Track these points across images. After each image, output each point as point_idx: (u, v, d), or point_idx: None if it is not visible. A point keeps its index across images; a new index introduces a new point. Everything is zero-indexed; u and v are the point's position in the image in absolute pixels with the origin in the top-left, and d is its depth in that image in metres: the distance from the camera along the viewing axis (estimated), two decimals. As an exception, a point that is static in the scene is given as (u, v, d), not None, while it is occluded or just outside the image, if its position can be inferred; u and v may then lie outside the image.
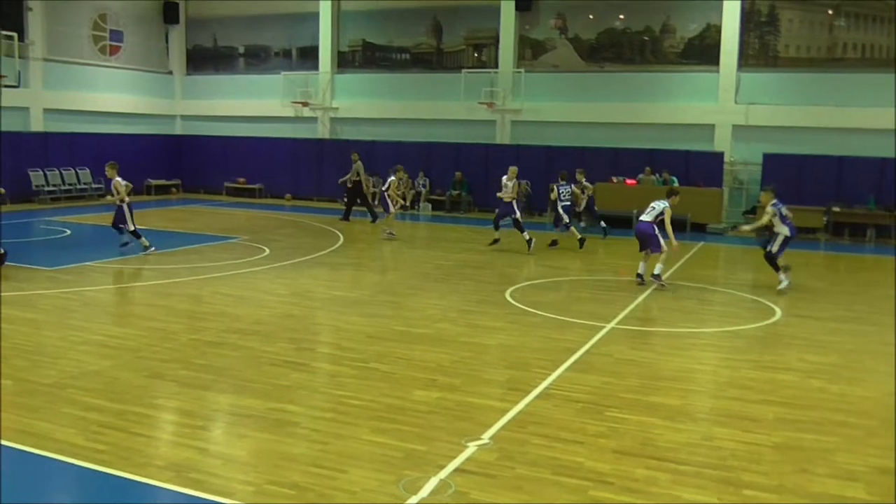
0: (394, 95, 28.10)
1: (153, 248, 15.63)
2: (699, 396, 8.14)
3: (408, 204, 22.66)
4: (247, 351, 9.03)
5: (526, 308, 11.69)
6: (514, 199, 17.69)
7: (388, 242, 18.77)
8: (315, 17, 29.12)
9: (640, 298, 12.70)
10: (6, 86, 20.80)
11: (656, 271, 13.55)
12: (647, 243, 13.74)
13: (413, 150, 27.35)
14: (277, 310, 11.31)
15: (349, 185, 22.99)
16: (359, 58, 29.13)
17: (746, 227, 14.65)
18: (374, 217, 21.58)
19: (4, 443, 6.22)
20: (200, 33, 31.98)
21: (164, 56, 32.01)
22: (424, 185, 26.95)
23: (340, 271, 14.67)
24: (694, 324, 11.29)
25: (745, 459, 6.25)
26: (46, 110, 26.94)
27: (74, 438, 6.33)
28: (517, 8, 26.03)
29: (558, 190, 18.51)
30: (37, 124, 26.72)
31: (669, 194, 14.04)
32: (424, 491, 5.52)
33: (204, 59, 32.08)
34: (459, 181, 26.49)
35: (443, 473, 5.80)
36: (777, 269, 13.59)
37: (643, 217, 13.90)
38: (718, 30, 23.97)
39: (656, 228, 13.62)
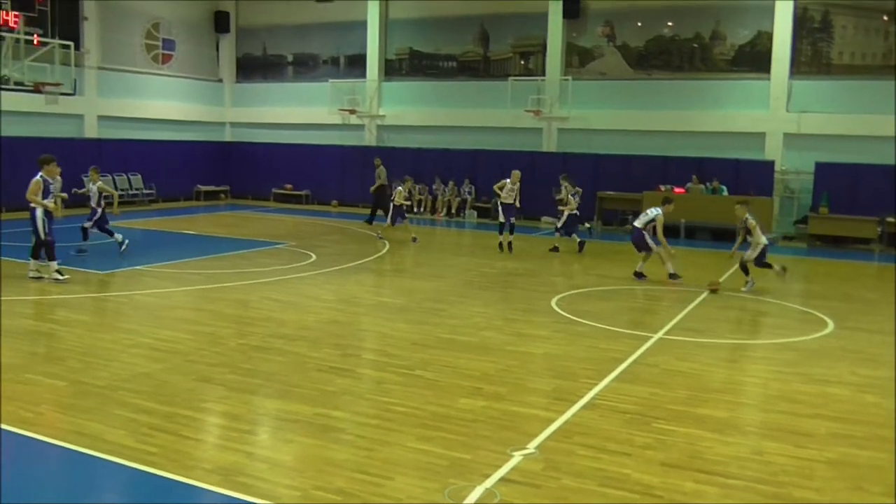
0: (440, 103, 28.19)
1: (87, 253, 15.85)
2: (749, 409, 8.01)
3: (441, 210, 22.75)
4: (293, 356, 9.11)
5: (572, 317, 11.61)
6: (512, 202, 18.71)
7: (433, 250, 18.79)
8: (363, 25, 29.34)
9: (688, 308, 12.54)
10: (62, 93, 21.25)
11: (670, 271, 14.55)
12: (640, 247, 15.01)
13: (459, 157, 27.40)
14: (323, 315, 11.38)
15: (372, 191, 23.39)
16: (406, 66, 29.28)
17: (748, 254, 14.21)
18: (393, 221, 21.57)
19: (59, 443, 6.35)
20: (250, 42, 32.42)
21: (215, 64, 32.52)
22: (470, 193, 26.97)
23: (386, 278, 14.74)
24: (743, 335, 11.12)
25: (796, 475, 6.13)
26: (100, 117, 27.54)
27: (125, 440, 6.43)
28: (565, 15, 25.94)
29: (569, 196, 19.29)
30: (91, 131, 27.31)
31: (664, 202, 15.11)
32: (469, 500, 5.50)
33: (253, 67, 32.51)
34: (505, 189, 26.41)
35: (488, 482, 5.77)
36: (747, 272, 14.05)
37: (636, 223, 15.07)
38: (770, 37, 23.61)
39: (647, 235, 14.67)
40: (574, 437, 6.77)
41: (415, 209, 27.51)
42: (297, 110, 30.68)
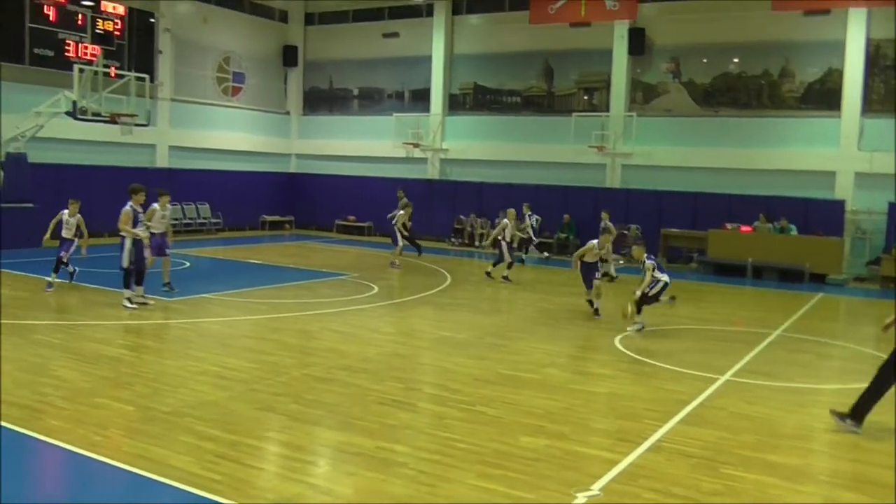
0: (504, 138, 28.29)
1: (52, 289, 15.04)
2: (821, 457, 7.76)
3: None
4: (355, 388, 9.14)
5: (636, 356, 11.44)
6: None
7: (501, 285, 18.74)
8: (428, 60, 29.71)
9: (756, 350, 12.25)
10: (137, 124, 21.89)
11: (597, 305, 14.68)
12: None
13: (521, 192, 27.35)
14: (385, 348, 11.42)
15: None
16: (470, 100, 29.50)
17: (637, 293, 13.52)
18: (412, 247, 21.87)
19: (126, 467, 6.46)
20: (317, 75, 33.06)
21: (283, 97, 33.22)
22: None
23: (447, 312, 14.72)
24: (814, 379, 10.81)
25: (873, 528, 5.90)
26: (172, 147, 28.29)
27: (191, 466, 6.51)
28: (630, 52, 25.90)
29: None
30: (162, 160, 28.05)
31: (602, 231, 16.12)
32: (533, 541, 5.42)
33: (319, 100, 33.12)
34: (567, 224, 26.33)
35: (551, 524, 5.68)
36: (640, 310, 13.45)
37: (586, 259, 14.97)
38: (840, 74, 23.21)
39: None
40: (639, 481, 6.63)
41: (476, 242, 27.56)
42: (362, 143, 31.10)
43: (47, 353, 10.25)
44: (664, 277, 13.45)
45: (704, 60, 25.36)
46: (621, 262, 24.53)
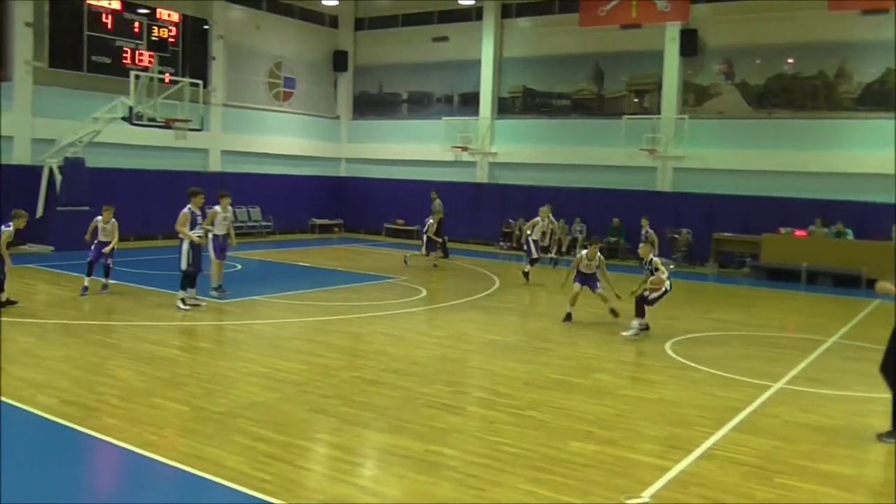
0: (553, 141, 28.17)
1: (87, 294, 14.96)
2: (878, 468, 7.57)
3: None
4: (404, 391, 9.17)
5: (687, 362, 11.29)
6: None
7: (544, 288, 18.67)
8: (477, 64, 29.72)
9: (811, 357, 12.01)
10: (191, 129, 22.27)
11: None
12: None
13: (570, 195, 27.25)
14: (434, 351, 11.44)
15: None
16: (519, 104, 29.44)
17: (643, 287, 13.26)
18: (440, 251, 22.22)
19: (180, 466, 6.57)
20: (367, 80, 33.29)
21: (333, 102, 33.51)
22: (581, 232, 26.71)
23: (496, 315, 14.70)
24: (871, 388, 10.52)
25: (934, 541, 5.74)
26: (224, 152, 28.72)
27: (243, 467, 6.59)
28: (682, 53, 25.61)
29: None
30: (215, 165, 28.49)
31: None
32: (582, 547, 5.38)
33: (369, 105, 33.34)
34: (617, 228, 26.10)
35: (601, 530, 5.64)
36: (641, 312, 13.14)
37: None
38: (900, 75, 22.67)
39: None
40: (690, 489, 6.54)
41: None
42: (411, 147, 31.21)
43: (104, 353, 10.47)
44: (666, 283, 13.13)
45: (758, 61, 24.96)
46: (671, 266, 24.28)
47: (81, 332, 11.80)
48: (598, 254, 14.59)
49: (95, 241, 15.14)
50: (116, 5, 24.75)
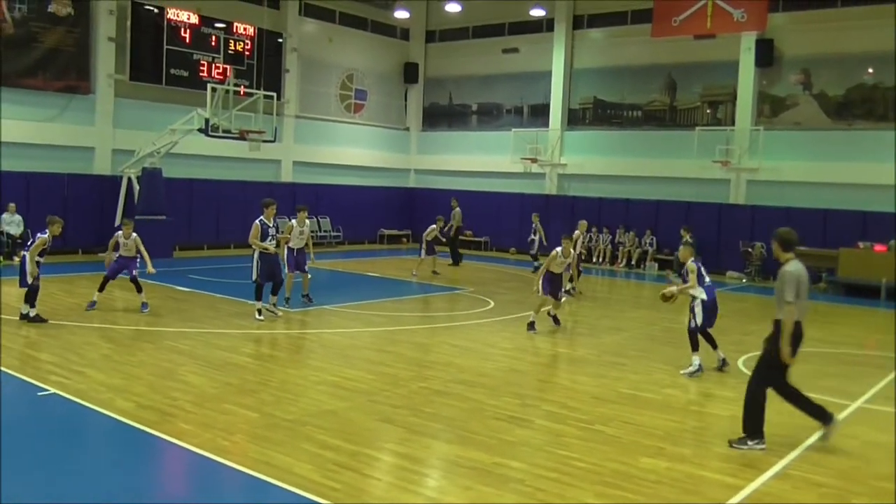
0: (623, 152, 27.87)
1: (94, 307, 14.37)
2: (967, 493, 7.23)
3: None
4: (472, 403, 9.13)
5: (761, 378, 10.97)
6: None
7: (613, 301, 18.45)
8: (547, 75, 29.62)
9: (891, 376, 11.58)
10: (264, 140, 22.70)
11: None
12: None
13: (641, 207, 26.92)
14: (502, 363, 11.38)
15: (450, 232, 23.47)
16: (589, 115, 29.22)
17: (672, 290, 11.73)
18: (457, 261, 22.22)
19: (251, 472, 6.65)
20: (437, 92, 33.47)
21: (403, 113, 33.78)
22: (651, 244, 26.35)
23: (564, 328, 14.56)
24: (958, 409, 10.11)
25: None
26: (295, 163, 29.19)
27: (312, 474, 6.65)
28: (757, 64, 25.07)
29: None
30: (286, 175, 28.96)
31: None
32: (654, 566, 5.27)
33: (438, 116, 33.50)
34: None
35: (673, 550, 5.51)
36: (695, 346, 11.29)
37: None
38: None
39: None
40: (766, 509, 6.36)
41: (594, 258, 27.23)
42: (480, 158, 31.25)
43: (177, 359, 10.69)
44: (701, 294, 11.47)
45: (837, 71, 24.28)
46: (744, 280, 23.77)
47: (156, 338, 12.08)
48: (573, 250, 14.32)
49: (118, 257, 14.50)
50: (194, 20, 25.40)
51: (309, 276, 15.57)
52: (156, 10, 24.59)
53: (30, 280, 12.63)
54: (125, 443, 7.53)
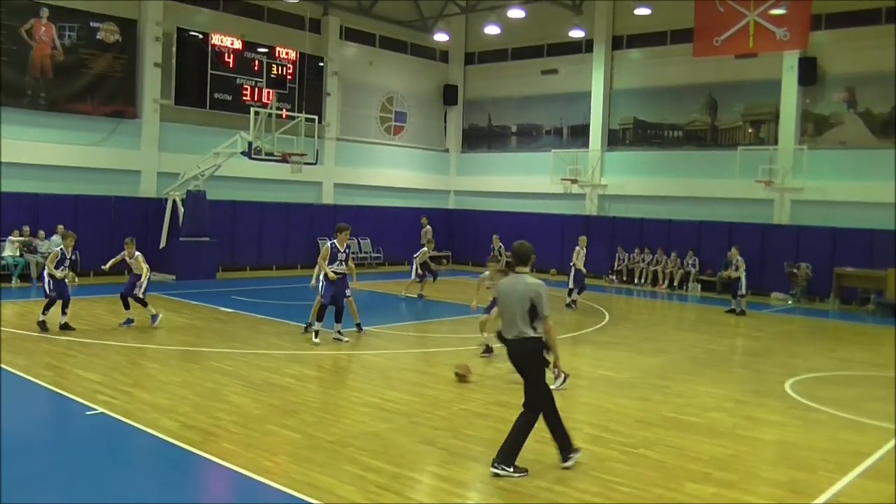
0: (664, 172, 27.68)
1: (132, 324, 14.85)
2: None
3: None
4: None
5: (809, 403, 10.79)
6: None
7: (655, 323, 18.28)
8: (587, 96, 29.57)
9: (946, 401, 11.29)
10: (306, 163, 22.92)
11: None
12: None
13: (683, 228, 26.68)
14: (543, 385, 11.29)
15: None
16: (630, 135, 29.10)
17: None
18: (434, 276, 22.12)
19: (294, 493, 6.67)
20: (476, 113, 33.59)
21: (442, 135, 33.93)
22: (694, 265, 26.07)
23: (606, 350, 14.44)
24: None
25: None
26: (336, 184, 29.44)
27: (354, 496, 6.65)
28: (800, 82, 24.78)
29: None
30: (327, 197, 29.22)
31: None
32: None
33: (478, 138, 33.60)
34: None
35: (721, 577, 5.41)
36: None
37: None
38: None
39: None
40: (817, 536, 6.22)
41: (635, 280, 27.01)
42: (519, 179, 31.25)
43: (220, 379, 10.79)
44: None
45: (882, 89, 23.89)
46: (789, 301, 23.39)
47: (200, 358, 12.21)
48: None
49: (130, 275, 14.94)
50: (238, 45, 25.83)
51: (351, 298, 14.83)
52: (200, 36, 25.08)
53: (48, 289, 13.91)
54: (170, 462, 7.61)
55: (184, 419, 8.75)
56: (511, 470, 7.33)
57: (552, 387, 11.14)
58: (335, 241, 14.02)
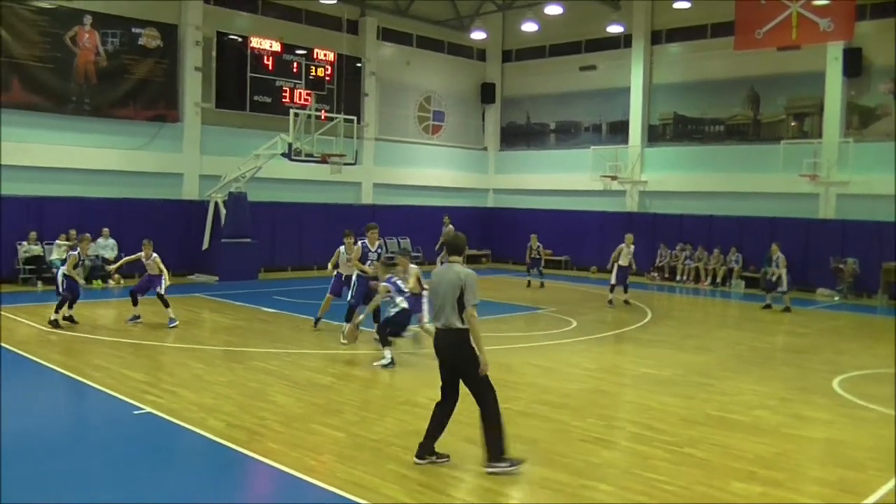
0: (706, 168, 27.37)
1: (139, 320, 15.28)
2: None
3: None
4: (557, 424, 9.05)
5: (857, 400, 10.61)
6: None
7: (698, 320, 18.10)
8: (626, 91, 29.35)
9: None
10: (345, 163, 23.06)
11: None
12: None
13: (725, 224, 26.35)
14: (586, 384, 11.26)
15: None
16: (670, 130, 28.82)
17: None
18: None
19: (339, 492, 6.72)
20: (514, 111, 33.52)
21: (480, 133, 33.91)
22: (737, 262, 25.73)
23: (649, 348, 14.33)
24: None
25: None
26: (375, 184, 29.59)
27: (399, 495, 6.69)
28: (845, 73, 24.33)
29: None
30: (366, 197, 29.37)
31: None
32: None
33: (516, 136, 33.52)
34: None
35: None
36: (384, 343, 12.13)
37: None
38: None
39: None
40: (868, 536, 6.12)
41: (677, 277, 26.76)
42: (558, 177, 31.12)
43: (265, 379, 10.90)
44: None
45: (930, 80, 23.39)
46: (836, 298, 22.99)
47: (244, 358, 12.34)
48: (417, 272, 13.03)
49: (145, 275, 15.48)
50: (277, 47, 26.06)
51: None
52: (240, 40, 25.34)
53: (61, 289, 14.42)
54: (217, 461, 7.71)
55: (229, 419, 8.86)
56: (506, 465, 7.29)
57: (375, 364, 11.94)
58: (366, 240, 14.16)
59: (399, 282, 12.34)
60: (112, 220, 22.26)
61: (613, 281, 20.11)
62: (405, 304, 12.21)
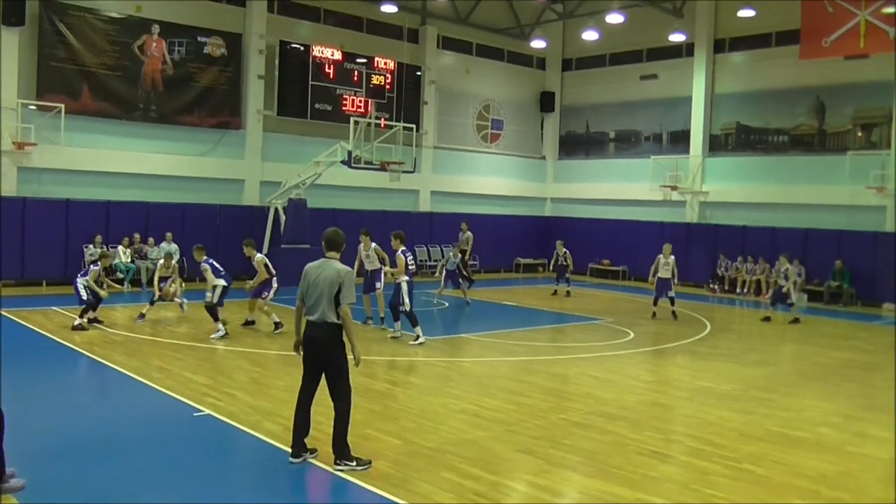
0: (768, 179, 26.85)
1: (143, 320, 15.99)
2: None
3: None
4: (613, 436, 8.96)
5: (926, 420, 10.28)
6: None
7: (759, 334, 17.75)
8: (687, 101, 28.98)
9: None
10: (404, 171, 23.20)
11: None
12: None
13: (787, 236, 25.78)
14: (643, 396, 11.13)
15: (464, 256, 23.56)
16: (732, 140, 28.36)
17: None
18: (469, 283, 22.05)
19: (394, 499, 6.76)
20: (573, 120, 33.34)
21: (539, 142, 33.82)
22: (800, 275, 25.14)
23: (707, 361, 14.09)
24: None
25: None
26: (433, 192, 29.69)
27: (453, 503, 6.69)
28: (915, 84, 23.68)
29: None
30: (424, 205, 29.49)
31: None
32: None
33: (575, 145, 33.33)
34: (840, 271, 24.36)
35: None
36: (216, 318, 14.46)
37: None
38: None
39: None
40: (936, 561, 5.92)
41: (738, 290, 26.28)
42: (617, 186, 30.84)
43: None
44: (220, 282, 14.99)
45: None
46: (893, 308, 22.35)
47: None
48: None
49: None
50: (338, 56, 26.38)
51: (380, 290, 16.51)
52: (302, 48, 25.71)
53: (84, 296, 15.05)
54: (273, 464, 7.80)
55: (286, 423, 8.93)
56: (354, 463, 7.43)
57: (211, 336, 13.73)
58: (404, 248, 15.01)
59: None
60: (175, 225, 22.76)
61: (655, 293, 19.77)
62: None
